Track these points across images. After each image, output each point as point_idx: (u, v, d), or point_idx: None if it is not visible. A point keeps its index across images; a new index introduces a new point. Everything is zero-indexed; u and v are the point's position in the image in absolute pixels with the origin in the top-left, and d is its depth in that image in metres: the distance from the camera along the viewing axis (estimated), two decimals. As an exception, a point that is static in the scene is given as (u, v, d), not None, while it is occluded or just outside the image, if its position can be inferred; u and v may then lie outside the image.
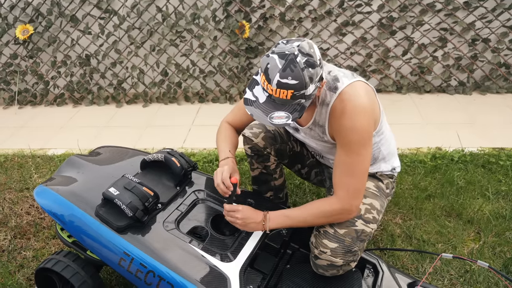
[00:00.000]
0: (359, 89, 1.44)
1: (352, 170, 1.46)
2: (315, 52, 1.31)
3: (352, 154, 1.44)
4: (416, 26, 3.56)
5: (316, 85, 1.33)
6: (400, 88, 3.80)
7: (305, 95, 1.31)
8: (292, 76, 1.26)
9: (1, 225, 2.37)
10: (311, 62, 1.28)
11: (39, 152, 3.24)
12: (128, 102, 4.12)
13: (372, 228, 1.57)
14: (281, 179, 1.98)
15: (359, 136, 1.42)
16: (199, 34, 3.77)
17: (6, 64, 4.15)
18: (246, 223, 1.57)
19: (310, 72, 1.28)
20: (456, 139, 2.95)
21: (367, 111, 1.42)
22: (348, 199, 1.48)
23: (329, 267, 1.55)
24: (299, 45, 1.29)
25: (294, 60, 1.26)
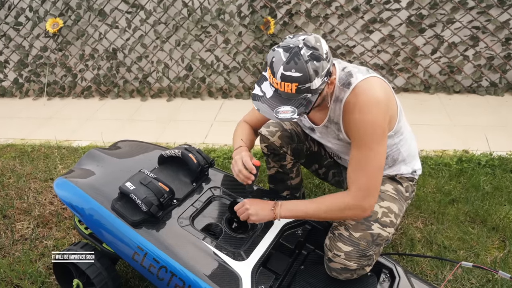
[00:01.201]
0: (373, 83, 1.40)
1: (363, 166, 1.41)
2: (322, 46, 1.29)
3: (364, 149, 1.40)
4: (447, 24, 3.45)
5: (323, 79, 1.30)
6: (428, 88, 3.70)
7: (310, 89, 1.29)
8: (295, 69, 1.25)
9: (25, 214, 2.43)
10: (316, 55, 1.27)
11: (64, 144, 3.31)
12: (152, 96, 4.17)
13: (389, 232, 1.52)
14: (298, 179, 1.96)
15: (371, 130, 1.37)
16: (224, 30, 3.77)
17: (37, 57, 4.26)
18: (257, 212, 1.54)
19: (314, 65, 1.26)
20: (484, 142, 2.84)
21: (381, 105, 1.37)
22: (360, 196, 1.43)
23: (342, 271, 1.52)
24: (304, 39, 1.28)
25: (298, 52, 1.26)
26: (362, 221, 1.51)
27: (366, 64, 3.68)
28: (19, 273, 1.99)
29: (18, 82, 4.39)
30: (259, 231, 1.65)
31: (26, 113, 4.04)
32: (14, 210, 2.45)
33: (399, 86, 3.73)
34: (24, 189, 2.66)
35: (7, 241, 2.21)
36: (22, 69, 4.33)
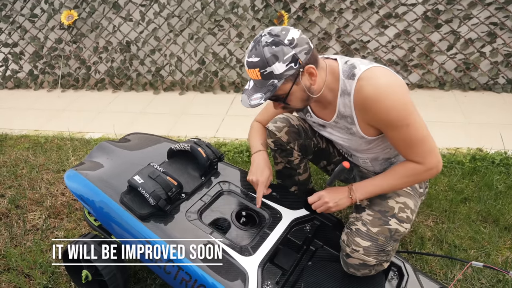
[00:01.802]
0: (377, 71, 1.39)
1: (412, 141, 1.40)
2: (288, 34, 1.32)
3: (402, 129, 1.38)
4: (464, 20, 3.39)
5: (288, 65, 1.33)
6: (443, 85, 3.64)
7: (274, 74, 1.34)
8: (255, 54, 1.33)
9: (37, 204, 2.46)
10: (276, 41, 1.31)
11: (77, 135, 3.35)
12: (165, 89, 4.18)
13: (406, 228, 1.51)
14: (306, 174, 1.94)
15: (397, 111, 1.35)
16: (237, 24, 3.76)
17: (51, 49, 4.30)
18: (337, 203, 1.55)
19: (272, 49, 1.31)
20: (499, 141, 2.79)
21: (392, 86, 1.35)
22: (427, 161, 1.42)
23: (361, 267, 1.51)
24: (271, 28, 1.35)
25: (260, 40, 1.33)
26: (379, 216, 1.51)
27: (381, 60, 3.64)
28: (30, 262, 2.02)
29: (33, 73, 4.45)
30: (267, 226, 1.65)
31: (40, 104, 4.09)
32: (27, 201, 2.49)
33: (414, 82, 3.68)
34: (37, 180, 2.69)
35: (19, 231, 2.25)
36: (37, 60, 4.38)
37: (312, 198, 1.59)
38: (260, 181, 1.72)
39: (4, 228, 2.28)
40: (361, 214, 1.55)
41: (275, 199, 1.77)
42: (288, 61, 1.33)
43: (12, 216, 2.37)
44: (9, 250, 2.11)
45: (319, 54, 1.53)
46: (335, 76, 1.44)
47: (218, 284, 1.40)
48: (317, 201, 1.58)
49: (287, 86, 1.39)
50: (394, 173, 1.50)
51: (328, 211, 1.58)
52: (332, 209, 1.56)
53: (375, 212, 1.53)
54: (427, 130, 1.42)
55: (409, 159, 1.46)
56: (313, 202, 1.59)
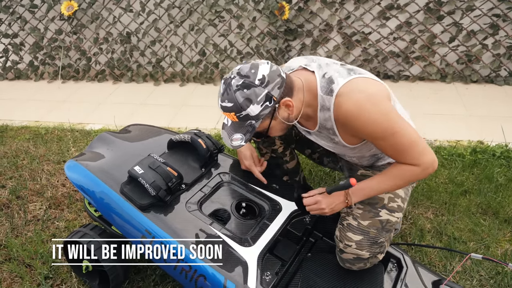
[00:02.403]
0: (355, 85, 1.35)
1: (401, 148, 1.38)
2: (257, 73, 1.30)
3: (389, 138, 1.36)
4: (466, 11, 3.36)
5: (263, 105, 1.31)
6: (445, 77, 3.62)
7: (250, 116, 1.32)
8: (228, 99, 1.31)
9: (38, 195, 2.47)
10: (246, 83, 1.29)
11: (78, 127, 3.34)
12: (166, 80, 4.17)
13: (398, 217, 1.52)
14: (294, 162, 1.95)
15: (380, 123, 1.33)
16: (238, 15, 3.73)
17: (52, 39, 4.28)
18: (333, 208, 1.54)
19: (244, 93, 1.29)
20: (500, 133, 2.78)
21: (372, 99, 1.33)
22: (421, 162, 1.39)
23: (355, 261, 1.52)
24: (239, 68, 1.33)
25: (230, 83, 1.31)
26: (370, 208, 1.51)
27: (382, 51, 3.62)
28: (31, 252, 2.03)
29: (33, 64, 4.43)
30: (266, 218, 1.65)
31: (40, 95, 4.08)
32: (27, 191, 2.49)
33: (415, 74, 3.67)
34: (37, 171, 2.70)
35: (20, 221, 2.25)
36: (37, 51, 4.36)
37: (308, 201, 1.57)
38: (249, 164, 1.79)
39: (5, 219, 2.29)
40: (352, 208, 1.55)
41: (275, 190, 1.78)
42: (262, 101, 1.31)
43: (13, 207, 2.38)
44: (10, 241, 2.11)
45: (317, 45, 1.51)
46: (313, 93, 1.41)
47: (218, 274, 1.41)
48: (313, 205, 1.57)
49: (265, 123, 1.39)
50: (391, 176, 1.47)
51: (322, 213, 1.57)
52: (327, 213, 1.55)
53: (365, 205, 1.53)
54: (415, 132, 1.39)
55: (403, 163, 1.43)
56: (309, 204, 1.58)
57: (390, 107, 1.35)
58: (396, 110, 1.41)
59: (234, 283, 1.39)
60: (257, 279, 1.43)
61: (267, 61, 1.35)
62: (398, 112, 1.38)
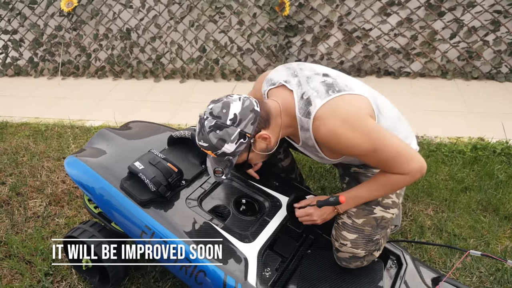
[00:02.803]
0: (331, 108, 1.34)
1: (385, 162, 1.38)
2: (228, 112, 1.33)
3: (371, 155, 1.36)
4: (467, 8, 3.35)
5: (238, 142, 1.35)
6: (446, 73, 3.61)
7: (226, 153, 1.36)
8: (203, 140, 1.36)
9: (38, 192, 2.47)
10: (218, 125, 1.33)
11: (77, 123, 3.34)
12: (166, 77, 4.16)
13: (393, 213, 1.51)
14: (288, 160, 1.94)
15: (359, 144, 1.33)
16: (238, 11, 3.72)
17: (51, 36, 4.27)
18: (325, 219, 1.57)
19: (217, 134, 1.33)
20: (501, 130, 2.78)
21: (349, 123, 1.31)
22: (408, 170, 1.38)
23: (351, 259, 1.51)
24: (212, 108, 1.37)
25: (204, 123, 1.36)
26: (364, 206, 1.51)
27: (383, 48, 3.61)
28: (31, 249, 2.03)
29: (33, 61, 4.43)
30: (266, 214, 1.65)
31: (40, 92, 4.07)
32: (27, 188, 2.49)
33: (416, 71, 3.66)
34: (37, 168, 2.70)
35: (20, 218, 2.25)
36: (37, 48, 4.36)
37: (300, 213, 1.59)
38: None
39: (5, 215, 2.29)
40: None
41: (275, 187, 1.78)
42: (236, 140, 1.34)
43: (13, 204, 2.38)
44: (10, 237, 2.11)
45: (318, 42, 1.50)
46: (291, 115, 1.41)
47: (218, 270, 1.41)
48: (305, 216, 1.58)
49: (243, 156, 1.43)
50: (380, 184, 1.47)
51: (313, 223, 1.59)
52: (318, 224, 1.58)
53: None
54: (399, 142, 1.37)
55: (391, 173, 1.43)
56: (301, 216, 1.59)
57: (369, 126, 1.34)
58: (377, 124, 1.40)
59: (234, 279, 1.39)
60: (257, 275, 1.43)
61: (240, 97, 1.38)
62: (378, 128, 1.36)
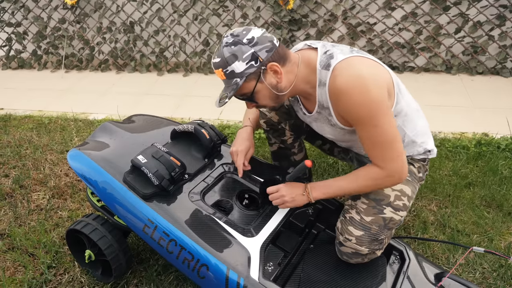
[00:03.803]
0: (352, 63, 1.34)
1: (378, 143, 1.37)
2: (248, 34, 1.34)
3: (368, 128, 1.35)
4: (473, 2, 3.33)
5: (249, 63, 1.34)
6: (450, 68, 3.59)
7: (235, 73, 1.35)
8: (217, 55, 1.37)
9: (41, 185, 2.47)
10: (235, 41, 1.34)
11: (81, 116, 3.34)
12: (169, 70, 4.15)
13: (402, 215, 1.50)
14: (301, 154, 1.94)
15: (367, 110, 1.31)
16: (242, 4, 3.71)
17: (55, 29, 4.27)
18: (294, 198, 1.55)
19: (231, 49, 1.33)
20: (505, 126, 2.76)
21: (365, 83, 1.30)
22: (388, 166, 1.39)
23: (353, 255, 1.51)
24: (234, 30, 1.37)
25: (222, 41, 1.37)
26: (374, 204, 1.49)
27: (387, 42, 3.59)
28: (34, 242, 2.04)
29: (36, 54, 4.43)
30: (269, 209, 1.65)
31: (44, 85, 4.08)
32: (31, 181, 2.50)
33: (420, 66, 3.64)
34: (41, 160, 2.70)
35: (23, 211, 2.26)
36: (40, 41, 4.36)
37: (271, 189, 1.59)
38: (239, 150, 1.75)
39: (9, 208, 2.29)
40: (356, 202, 1.53)
41: (278, 181, 1.77)
42: (247, 60, 1.33)
43: (16, 196, 2.38)
44: (13, 230, 2.12)
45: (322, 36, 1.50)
46: (312, 68, 1.40)
47: (221, 264, 1.41)
48: (275, 193, 1.58)
49: (251, 85, 1.40)
50: (354, 177, 1.48)
51: (284, 205, 1.57)
52: (288, 204, 1.56)
53: (369, 200, 1.50)
54: (396, 136, 1.37)
55: (373, 162, 1.43)
56: (271, 192, 1.58)
57: (382, 96, 1.32)
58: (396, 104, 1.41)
59: (236, 273, 1.39)
60: (260, 269, 1.42)
61: (264, 30, 1.39)
62: (388, 108, 1.35)
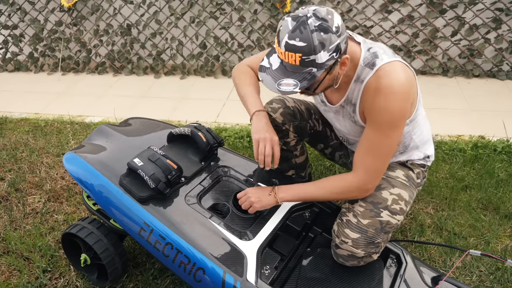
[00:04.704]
0: (398, 69, 1.35)
1: (375, 150, 1.40)
2: (334, 19, 1.23)
3: (380, 135, 1.38)
4: (469, 5, 3.34)
5: (331, 55, 1.24)
6: (447, 71, 3.60)
7: (315, 63, 1.23)
8: (300, 38, 1.20)
9: (37, 188, 2.46)
10: (324, 27, 1.20)
11: (77, 119, 3.33)
12: (166, 73, 4.15)
13: (398, 219, 1.50)
14: (303, 157, 1.93)
15: (390, 118, 1.34)
16: (239, 7, 3.71)
17: (52, 31, 4.26)
18: (260, 200, 1.55)
19: (321, 36, 1.20)
20: (502, 128, 2.77)
21: (403, 92, 1.33)
22: (366, 178, 1.44)
23: (349, 258, 1.50)
24: (315, 9, 1.23)
25: (306, 22, 1.20)
26: (371, 207, 1.49)
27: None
28: (29, 246, 2.02)
29: (33, 56, 4.41)
30: (266, 212, 1.64)
31: (40, 87, 4.06)
32: (26, 184, 2.48)
33: (417, 68, 3.64)
34: (37, 163, 2.69)
35: (19, 214, 2.25)
36: (37, 43, 4.34)
37: (240, 194, 1.61)
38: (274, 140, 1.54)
39: (4, 211, 2.28)
40: (354, 204, 1.53)
41: (274, 184, 1.77)
42: (332, 51, 1.24)
43: (12, 200, 2.37)
44: (8, 233, 2.11)
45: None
46: (354, 63, 1.40)
47: (217, 267, 1.41)
48: (243, 197, 1.59)
49: (322, 76, 1.31)
50: (324, 185, 1.51)
51: (252, 208, 1.57)
52: (255, 205, 1.55)
53: (367, 203, 1.51)
54: (392, 152, 1.43)
55: (354, 167, 1.46)
56: (240, 197, 1.60)
57: (406, 110, 1.37)
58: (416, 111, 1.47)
59: (233, 277, 1.39)
60: (256, 272, 1.42)
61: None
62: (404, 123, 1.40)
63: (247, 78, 1.70)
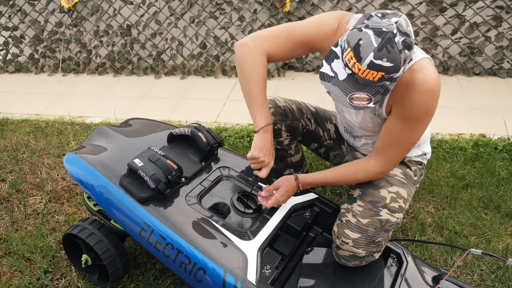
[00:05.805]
0: (430, 66, 1.34)
1: (400, 143, 1.45)
2: (411, 31, 1.17)
3: (407, 128, 1.41)
4: (469, 4, 3.33)
5: (404, 67, 1.19)
6: (447, 70, 3.60)
7: (393, 78, 1.18)
8: (387, 58, 1.12)
9: (38, 189, 2.46)
10: (408, 43, 1.14)
11: (78, 120, 3.33)
12: (166, 73, 4.15)
13: (398, 217, 1.50)
14: (298, 156, 1.94)
15: (421, 113, 1.36)
16: (238, 7, 3.71)
17: (52, 32, 4.26)
18: (289, 194, 1.61)
19: (406, 55, 1.14)
20: (503, 127, 2.77)
21: (436, 90, 1.32)
22: (386, 167, 1.51)
23: (351, 258, 1.50)
24: (397, 22, 1.13)
25: (392, 40, 1.11)
26: (370, 207, 1.49)
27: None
28: (31, 246, 2.03)
29: (33, 57, 4.42)
30: (266, 212, 1.64)
31: (41, 88, 4.06)
32: (27, 185, 2.49)
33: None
34: (38, 164, 2.69)
35: (20, 215, 2.25)
36: (37, 44, 4.35)
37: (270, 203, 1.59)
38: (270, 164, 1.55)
39: (5, 213, 2.28)
40: (352, 205, 1.54)
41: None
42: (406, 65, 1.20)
43: (13, 201, 2.37)
44: (10, 234, 2.11)
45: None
46: None
47: (218, 267, 1.40)
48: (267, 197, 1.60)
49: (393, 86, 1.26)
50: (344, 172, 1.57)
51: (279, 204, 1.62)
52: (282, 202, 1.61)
53: (365, 203, 1.51)
54: (411, 148, 1.50)
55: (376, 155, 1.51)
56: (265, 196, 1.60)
57: (435, 108, 1.38)
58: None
59: (233, 276, 1.39)
60: (257, 272, 1.42)
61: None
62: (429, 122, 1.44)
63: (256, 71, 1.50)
